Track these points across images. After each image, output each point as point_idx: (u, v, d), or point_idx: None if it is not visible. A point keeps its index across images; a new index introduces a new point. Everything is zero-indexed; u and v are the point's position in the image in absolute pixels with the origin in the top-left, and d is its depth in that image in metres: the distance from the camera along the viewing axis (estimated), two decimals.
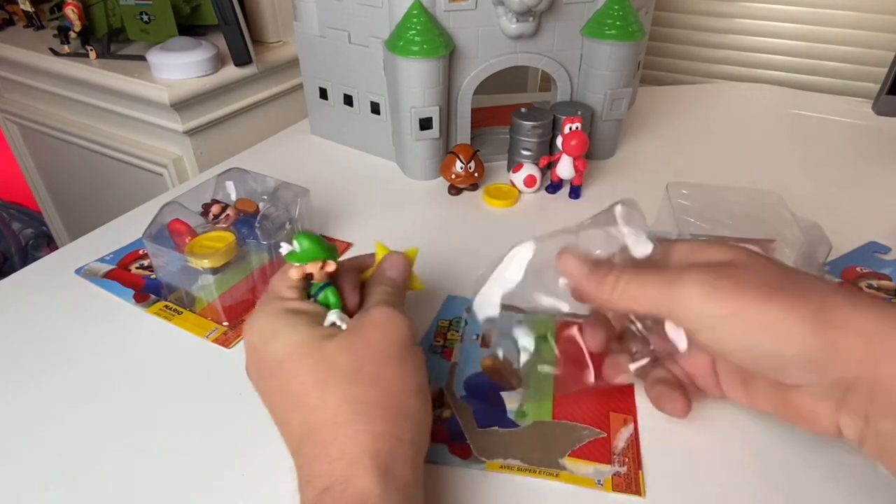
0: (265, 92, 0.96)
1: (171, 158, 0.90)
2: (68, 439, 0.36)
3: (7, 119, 1.13)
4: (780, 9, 1.32)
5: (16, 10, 1.07)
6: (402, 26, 0.54)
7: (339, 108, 0.66)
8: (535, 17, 0.56)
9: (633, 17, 0.57)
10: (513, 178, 0.60)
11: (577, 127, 0.55)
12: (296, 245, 0.31)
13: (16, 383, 0.39)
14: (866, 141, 0.72)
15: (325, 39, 0.62)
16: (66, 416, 0.37)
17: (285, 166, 0.65)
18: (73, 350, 0.42)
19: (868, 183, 0.62)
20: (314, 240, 0.31)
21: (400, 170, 0.64)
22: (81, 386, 0.39)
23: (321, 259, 0.32)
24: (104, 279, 0.48)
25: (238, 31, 0.82)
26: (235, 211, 0.47)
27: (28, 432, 0.36)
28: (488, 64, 0.59)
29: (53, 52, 0.93)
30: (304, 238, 0.31)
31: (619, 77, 0.60)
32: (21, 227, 1.42)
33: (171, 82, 0.83)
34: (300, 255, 0.31)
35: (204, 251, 0.42)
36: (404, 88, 0.56)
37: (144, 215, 0.46)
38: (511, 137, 0.61)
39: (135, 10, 0.88)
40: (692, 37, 1.43)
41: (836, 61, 1.31)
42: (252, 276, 0.45)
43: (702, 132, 0.74)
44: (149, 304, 0.45)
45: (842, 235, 0.53)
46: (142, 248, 0.51)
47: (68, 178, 1.16)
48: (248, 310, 0.45)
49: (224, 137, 0.93)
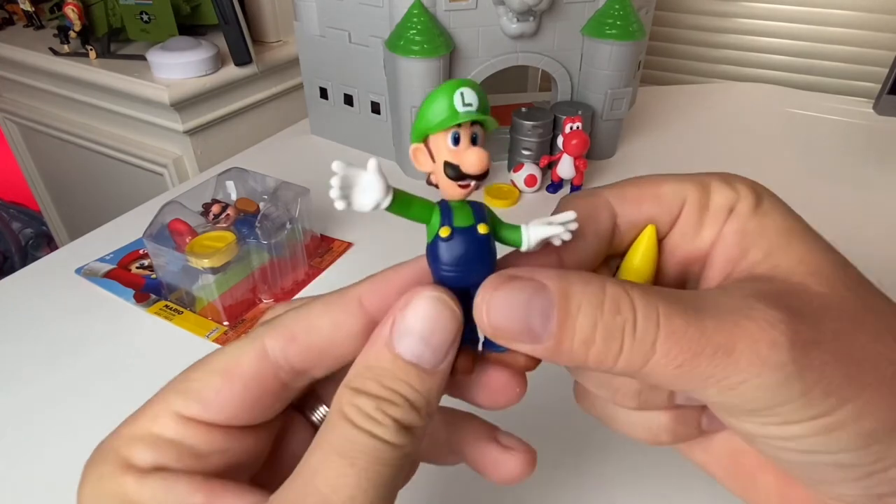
0: (265, 92, 0.96)
1: (171, 158, 0.90)
2: (68, 439, 0.36)
3: (7, 119, 1.13)
4: (780, 9, 1.32)
5: (16, 10, 1.07)
6: (403, 26, 0.54)
7: (339, 108, 0.66)
8: (536, 17, 0.56)
9: (634, 17, 0.57)
10: (513, 177, 0.60)
11: (577, 127, 0.55)
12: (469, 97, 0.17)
13: (16, 383, 0.39)
14: (866, 141, 0.72)
15: (325, 39, 0.62)
16: (66, 416, 0.37)
17: (285, 166, 0.65)
18: (73, 350, 0.42)
19: (868, 183, 0.62)
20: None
21: (400, 169, 0.64)
22: (81, 386, 0.39)
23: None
24: (104, 279, 0.48)
25: (238, 30, 0.82)
26: (235, 211, 0.47)
27: (28, 432, 0.36)
28: (488, 64, 0.59)
29: (53, 52, 0.93)
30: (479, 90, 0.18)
31: (620, 77, 0.60)
32: (21, 226, 1.42)
33: (171, 82, 0.83)
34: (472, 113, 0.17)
35: (204, 251, 0.42)
36: (404, 88, 0.56)
37: (144, 215, 0.46)
38: (511, 137, 0.61)
39: (135, 9, 0.88)
40: (692, 37, 1.43)
41: (836, 61, 1.31)
42: (252, 276, 0.45)
43: (702, 132, 0.74)
44: (149, 303, 0.45)
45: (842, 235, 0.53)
46: (142, 248, 0.51)
47: (68, 178, 1.16)
48: (249, 309, 0.45)
49: (224, 137, 0.93)
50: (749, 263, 0.18)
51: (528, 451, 0.20)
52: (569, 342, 0.16)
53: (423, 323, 0.17)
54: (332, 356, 0.19)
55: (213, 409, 0.17)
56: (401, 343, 0.17)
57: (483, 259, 0.18)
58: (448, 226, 0.17)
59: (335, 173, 0.16)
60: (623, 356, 0.16)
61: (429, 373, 0.17)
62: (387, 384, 0.17)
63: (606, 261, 0.22)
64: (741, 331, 0.15)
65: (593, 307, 0.16)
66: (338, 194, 0.16)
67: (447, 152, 0.17)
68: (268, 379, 0.18)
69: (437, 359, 0.17)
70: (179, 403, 0.17)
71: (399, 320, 0.17)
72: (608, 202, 0.20)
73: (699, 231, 0.20)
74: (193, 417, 0.17)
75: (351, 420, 0.16)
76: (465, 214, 0.18)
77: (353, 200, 0.17)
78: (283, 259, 0.46)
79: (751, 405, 0.16)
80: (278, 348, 0.18)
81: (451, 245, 0.17)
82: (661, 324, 0.15)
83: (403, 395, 0.17)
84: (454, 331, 0.17)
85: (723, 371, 0.15)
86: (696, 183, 0.20)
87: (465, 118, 0.16)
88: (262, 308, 0.46)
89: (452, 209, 0.18)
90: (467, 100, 0.16)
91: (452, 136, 0.17)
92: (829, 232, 0.47)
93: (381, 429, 0.16)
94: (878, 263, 0.51)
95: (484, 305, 0.16)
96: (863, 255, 0.56)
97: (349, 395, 0.17)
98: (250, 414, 0.18)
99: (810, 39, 1.32)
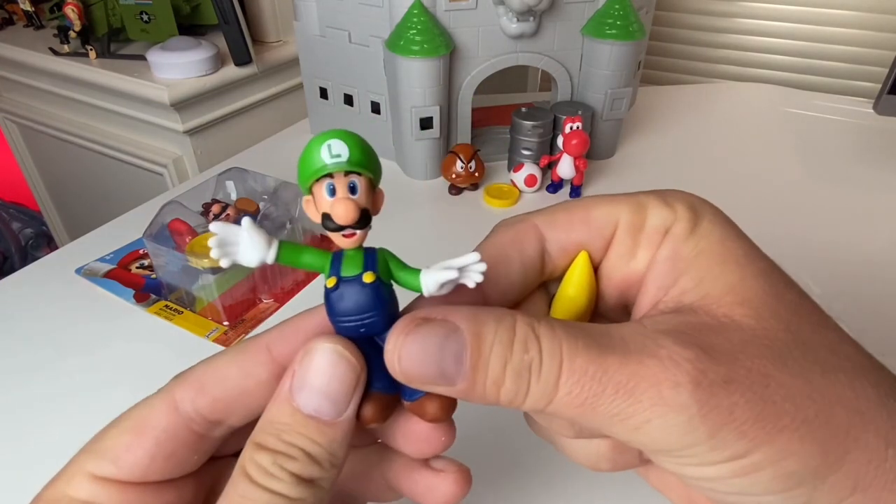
0: (265, 92, 0.96)
1: (171, 158, 0.90)
2: (68, 439, 0.35)
3: (7, 119, 1.13)
4: (780, 9, 1.32)
5: (16, 10, 1.07)
6: (403, 26, 0.54)
7: (339, 108, 0.66)
8: (536, 17, 0.56)
9: (634, 17, 0.57)
10: (513, 177, 0.60)
11: (577, 126, 0.55)
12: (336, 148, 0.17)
13: (16, 383, 0.39)
14: (866, 141, 0.72)
15: (325, 39, 0.62)
16: (66, 416, 0.37)
17: (285, 166, 0.65)
18: (73, 350, 0.42)
19: (868, 183, 0.62)
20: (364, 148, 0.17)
21: (400, 169, 0.64)
22: (81, 386, 0.39)
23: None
24: (104, 279, 0.48)
25: (238, 30, 0.82)
26: (235, 210, 0.47)
27: (28, 432, 0.36)
28: (489, 64, 0.59)
29: (53, 52, 0.93)
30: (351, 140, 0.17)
31: (620, 77, 0.60)
32: (21, 226, 1.42)
33: (171, 82, 0.83)
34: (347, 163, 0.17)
35: (204, 251, 0.42)
36: (405, 88, 0.56)
37: (144, 215, 0.46)
38: (511, 137, 0.61)
39: (135, 9, 0.88)
40: (692, 37, 1.43)
41: (836, 61, 1.32)
42: (252, 276, 0.45)
43: (702, 132, 0.74)
44: (149, 303, 0.45)
45: (842, 235, 0.53)
46: (142, 248, 0.51)
47: (68, 178, 1.16)
48: (249, 309, 0.45)
49: (224, 137, 0.93)
50: (678, 291, 0.18)
51: (460, 471, 0.20)
52: (481, 383, 0.16)
53: (319, 376, 0.17)
54: (243, 405, 0.18)
55: (125, 467, 0.17)
56: (300, 396, 0.17)
57: (374, 307, 0.17)
58: (335, 276, 0.17)
59: (214, 234, 0.16)
60: (530, 395, 0.16)
61: (329, 425, 0.17)
62: (285, 438, 0.16)
63: (544, 286, 0.21)
64: (645, 370, 0.15)
65: (504, 347, 0.16)
66: (218, 253, 0.16)
67: (324, 203, 0.17)
68: (180, 432, 0.18)
69: (336, 410, 0.17)
70: (91, 464, 0.17)
71: (297, 374, 0.17)
72: (536, 227, 0.20)
73: (634, 253, 0.19)
74: (106, 477, 0.17)
75: (249, 476, 0.16)
76: (354, 263, 0.17)
77: (238, 257, 0.17)
78: None
79: (659, 445, 0.16)
80: (188, 399, 0.18)
81: (338, 295, 0.17)
82: (564, 363, 0.15)
83: (302, 449, 0.16)
84: (352, 381, 0.17)
85: (626, 411, 0.15)
86: (631, 203, 0.19)
87: (334, 168, 0.16)
88: (262, 308, 0.46)
89: (343, 258, 0.17)
90: (335, 151, 0.16)
91: (327, 188, 0.17)
92: (829, 233, 0.47)
93: (278, 484, 0.16)
94: (879, 263, 0.51)
95: (396, 353, 0.16)
96: (863, 255, 0.56)
97: (251, 451, 0.16)
98: (164, 468, 0.18)
99: (810, 39, 1.32)
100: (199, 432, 0.18)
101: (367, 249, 0.18)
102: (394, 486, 0.21)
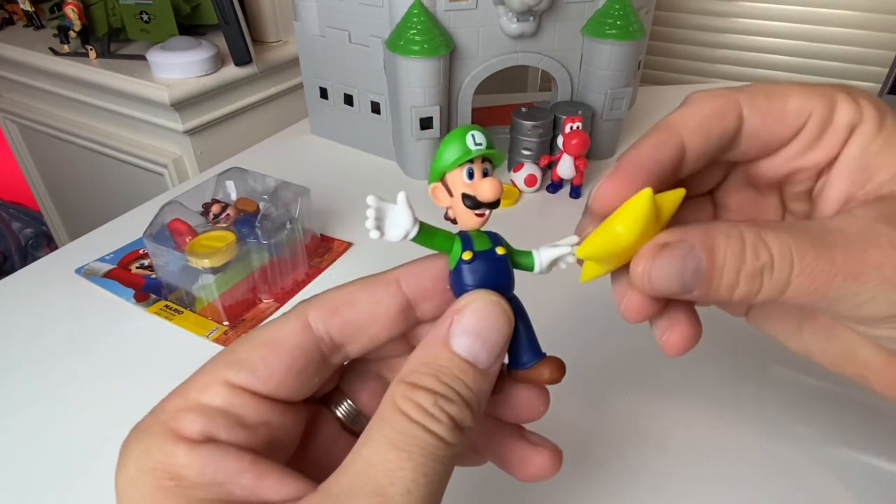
0: (265, 92, 0.96)
1: (171, 158, 0.90)
2: (68, 439, 0.36)
3: (7, 119, 1.13)
4: (780, 8, 1.32)
5: (16, 10, 1.07)
6: (403, 26, 0.54)
7: (339, 108, 0.66)
8: (536, 17, 0.56)
9: (634, 17, 0.57)
10: (513, 177, 0.60)
11: (577, 126, 0.55)
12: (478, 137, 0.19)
13: (16, 383, 0.39)
14: None
15: (325, 39, 0.62)
16: (67, 416, 0.37)
17: (285, 166, 0.65)
18: (73, 350, 0.42)
19: None
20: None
21: (400, 169, 0.64)
22: (81, 386, 0.39)
23: None
24: (104, 279, 0.48)
25: (238, 30, 0.82)
26: (236, 210, 0.47)
27: (28, 432, 0.36)
28: (489, 63, 0.59)
29: (53, 52, 0.93)
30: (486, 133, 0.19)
31: (620, 77, 0.60)
32: (21, 226, 1.42)
33: (171, 82, 0.83)
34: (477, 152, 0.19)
35: (204, 251, 0.42)
36: (405, 88, 0.56)
37: (144, 215, 0.46)
38: (511, 137, 0.61)
39: (135, 9, 0.88)
40: (692, 37, 1.43)
41: (835, 61, 1.32)
42: (252, 276, 0.45)
43: None
44: (149, 303, 0.45)
45: None
46: (142, 248, 0.51)
47: (68, 178, 1.16)
48: (249, 309, 0.45)
49: (224, 137, 0.93)
50: (875, 185, 0.20)
51: (555, 449, 0.21)
52: (716, 288, 0.18)
53: (480, 323, 0.18)
54: (368, 333, 0.19)
55: (261, 377, 0.18)
56: (458, 342, 0.18)
57: (503, 277, 0.20)
58: (470, 250, 0.19)
59: (370, 206, 0.18)
60: (763, 292, 0.18)
61: (482, 373, 0.18)
62: (444, 380, 0.17)
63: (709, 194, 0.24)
64: (869, 257, 0.17)
65: (736, 257, 0.18)
66: (373, 224, 0.18)
67: (463, 186, 0.19)
68: (311, 350, 0.19)
69: (490, 359, 0.18)
70: (229, 373, 0.18)
71: (457, 320, 0.18)
72: (739, 105, 0.21)
73: (816, 146, 0.21)
74: (243, 386, 0.18)
75: (407, 414, 0.16)
76: (483, 241, 0.20)
77: (385, 231, 0.19)
78: (284, 259, 0.46)
79: (882, 316, 0.18)
80: (320, 320, 0.19)
81: (473, 266, 0.19)
82: (795, 262, 0.17)
83: (459, 393, 0.17)
84: (507, 333, 0.18)
85: (853, 293, 0.17)
86: (824, 98, 0.20)
87: (478, 154, 0.19)
88: (262, 308, 0.46)
89: (472, 238, 0.20)
90: (477, 140, 0.19)
91: (467, 172, 0.19)
92: None
93: (437, 425, 0.16)
94: None
95: (645, 274, 0.18)
96: None
97: (405, 390, 0.17)
98: (294, 385, 0.18)
99: (810, 39, 1.32)
100: (325, 354, 0.19)
101: (489, 231, 0.20)
102: (484, 451, 0.22)
